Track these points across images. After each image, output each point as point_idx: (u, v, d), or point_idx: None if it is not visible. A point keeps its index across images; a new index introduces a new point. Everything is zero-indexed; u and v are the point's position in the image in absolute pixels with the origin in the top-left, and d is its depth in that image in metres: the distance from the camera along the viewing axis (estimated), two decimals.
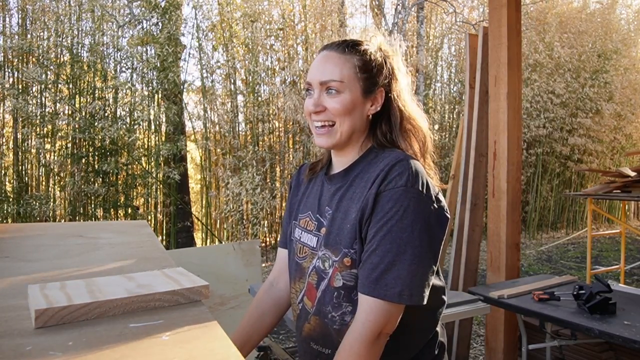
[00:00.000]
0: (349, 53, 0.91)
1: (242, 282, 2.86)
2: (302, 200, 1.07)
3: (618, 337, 1.54)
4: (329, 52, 0.92)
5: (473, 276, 2.89)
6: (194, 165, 7.35)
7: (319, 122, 0.92)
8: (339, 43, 0.93)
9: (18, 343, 0.52)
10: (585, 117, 7.94)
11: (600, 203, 7.85)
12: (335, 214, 0.93)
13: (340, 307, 0.91)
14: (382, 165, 0.88)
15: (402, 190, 0.83)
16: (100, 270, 0.87)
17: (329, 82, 0.90)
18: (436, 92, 8.45)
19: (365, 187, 0.89)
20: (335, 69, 0.90)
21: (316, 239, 0.96)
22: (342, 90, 0.90)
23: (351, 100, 0.90)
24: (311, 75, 0.93)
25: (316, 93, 0.92)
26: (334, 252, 0.91)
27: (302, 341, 1.02)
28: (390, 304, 0.82)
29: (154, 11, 5.50)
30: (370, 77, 0.92)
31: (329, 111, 0.91)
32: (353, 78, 0.90)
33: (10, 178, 5.42)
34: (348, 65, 0.90)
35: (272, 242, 6.63)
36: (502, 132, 2.46)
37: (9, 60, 5.43)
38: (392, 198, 0.83)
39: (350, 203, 0.91)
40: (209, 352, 0.52)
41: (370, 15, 7.92)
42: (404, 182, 0.84)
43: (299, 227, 1.03)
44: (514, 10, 2.46)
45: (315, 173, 1.06)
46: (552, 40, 7.73)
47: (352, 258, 0.88)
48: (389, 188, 0.84)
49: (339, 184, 0.96)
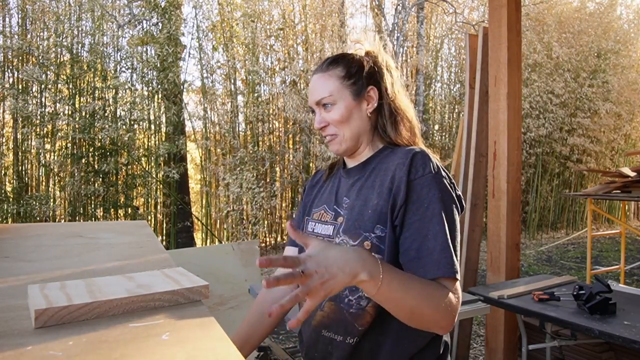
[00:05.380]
0: (331, 69, 1.01)
1: (241, 282, 2.87)
2: (316, 197, 1.11)
3: (618, 337, 1.54)
4: (316, 75, 1.03)
5: (473, 276, 2.89)
6: (194, 165, 7.35)
7: (326, 135, 1.04)
8: (322, 64, 1.04)
9: (18, 343, 0.52)
10: (585, 117, 7.95)
11: (600, 203, 7.86)
12: (355, 202, 0.98)
13: (357, 290, 0.94)
14: (400, 155, 0.95)
15: (431, 177, 0.91)
16: (100, 270, 0.87)
17: (321, 100, 1.01)
18: (436, 92, 8.46)
19: (385, 175, 0.95)
20: (323, 87, 1.01)
21: (332, 227, 1.00)
22: (335, 102, 1.00)
23: (345, 107, 1.00)
24: (309, 99, 1.05)
25: (318, 113, 1.03)
26: (352, 237, 0.94)
27: (312, 331, 1.02)
28: (457, 279, 0.88)
29: (154, 11, 5.51)
30: (356, 81, 1.01)
31: (330, 124, 1.02)
32: (340, 88, 1.00)
33: (10, 178, 5.42)
34: (332, 79, 1.00)
35: (272, 242, 6.63)
36: (502, 133, 2.47)
37: (8, 60, 5.43)
38: (425, 185, 0.90)
39: (370, 191, 0.97)
40: (209, 352, 0.52)
41: (370, 16, 7.93)
42: (430, 169, 0.91)
43: (312, 221, 1.07)
44: (514, 10, 2.46)
45: (333, 172, 1.13)
46: (551, 40, 7.74)
47: (373, 242, 0.92)
48: (418, 176, 0.91)
49: (357, 176, 1.03)
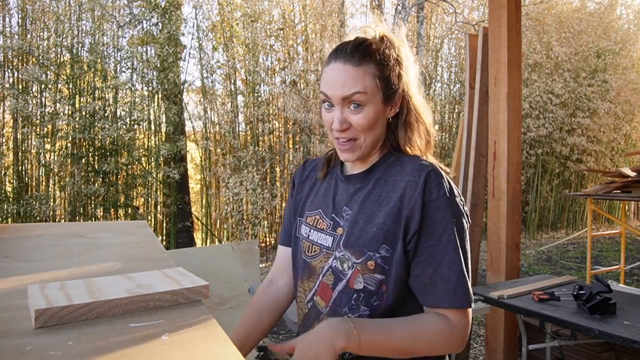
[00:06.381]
0: (365, 63, 0.86)
1: (241, 282, 2.87)
2: (309, 197, 1.04)
3: (618, 337, 1.54)
4: (343, 65, 0.86)
5: (473, 276, 2.88)
6: (194, 165, 7.34)
7: (344, 139, 0.90)
8: (351, 50, 0.87)
9: (18, 343, 0.52)
10: (585, 117, 7.94)
11: (600, 203, 7.85)
12: (358, 216, 0.92)
13: (357, 309, 0.91)
14: (410, 171, 0.89)
15: (445, 199, 0.87)
16: (100, 270, 0.87)
17: (352, 95, 0.85)
18: (436, 92, 8.45)
19: (393, 191, 0.89)
20: (356, 82, 0.85)
21: (332, 238, 0.94)
22: (366, 103, 0.86)
23: (375, 113, 0.88)
24: (330, 89, 0.87)
25: (338, 110, 0.88)
26: (355, 254, 0.90)
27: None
28: (469, 310, 0.87)
29: (154, 11, 5.50)
30: (388, 83, 0.89)
31: (353, 128, 0.88)
32: (375, 88, 0.87)
33: (10, 178, 5.42)
34: (368, 77, 0.86)
35: (272, 242, 6.62)
36: (502, 133, 2.47)
37: (8, 60, 5.43)
38: (440, 208, 0.86)
39: (376, 206, 0.90)
40: (209, 352, 0.52)
41: (370, 16, 7.93)
42: (444, 190, 0.87)
43: (306, 225, 1.01)
44: (514, 10, 2.46)
45: (328, 171, 1.04)
46: (550, 40, 7.73)
47: (377, 262, 0.88)
48: (433, 198, 0.86)
49: (359, 184, 0.95)
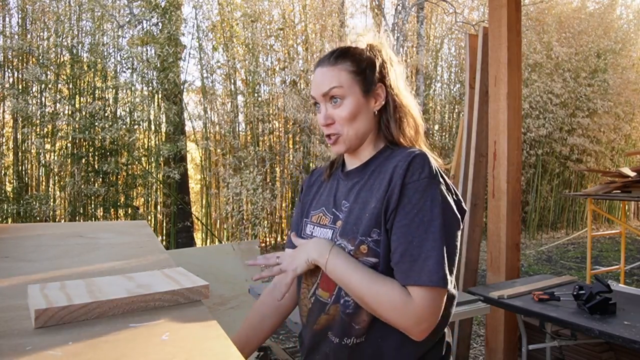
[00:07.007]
0: (340, 63, 0.96)
1: (241, 282, 2.87)
2: (314, 198, 1.08)
3: (618, 337, 1.54)
4: (322, 68, 0.97)
5: (473, 276, 2.89)
6: (194, 165, 7.35)
7: (330, 134, 0.98)
8: (329, 56, 0.98)
9: (18, 343, 0.52)
10: (585, 117, 7.94)
11: (600, 203, 7.85)
12: (353, 205, 0.95)
13: None
14: (399, 157, 0.91)
15: (426, 182, 0.87)
16: (100, 270, 0.87)
17: (330, 90, 0.94)
18: (436, 92, 8.45)
19: (383, 178, 0.92)
20: (332, 79, 0.95)
21: (331, 231, 0.97)
22: (344, 96, 0.94)
23: (355, 104, 0.94)
24: (313, 90, 0.98)
25: (323, 107, 0.97)
26: (349, 241, 0.92)
27: (314, 335, 1.00)
28: (438, 289, 0.86)
29: (154, 11, 5.50)
30: (366, 77, 0.96)
31: (337, 123, 0.96)
32: (351, 82, 0.95)
33: (10, 178, 5.42)
34: (343, 72, 0.95)
35: (272, 242, 6.62)
36: (502, 133, 2.46)
37: (9, 60, 5.43)
38: (418, 189, 0.87)
39: (368, 194, 0.94)
40: (209, 352, 0.52)
41: (370, 16, 7.92)
42: (426, 173, 0.88)
43: (310, 224, 1.04)
44: (514, 10, 2.46)
45: (332, 172, 1.09)
46: (550, 40, 7.73)
47: (369, 246, 0.90)
48: (413, 180, 0.87)
49: (356, 178, 0.99)
